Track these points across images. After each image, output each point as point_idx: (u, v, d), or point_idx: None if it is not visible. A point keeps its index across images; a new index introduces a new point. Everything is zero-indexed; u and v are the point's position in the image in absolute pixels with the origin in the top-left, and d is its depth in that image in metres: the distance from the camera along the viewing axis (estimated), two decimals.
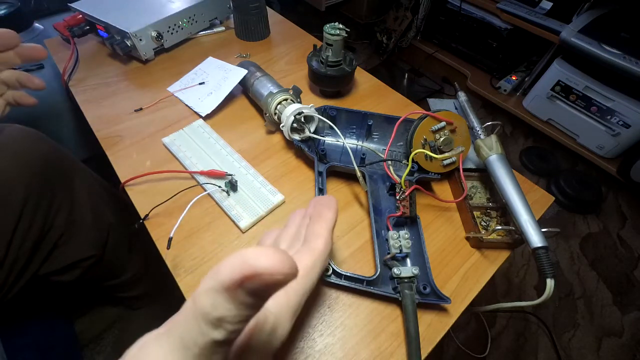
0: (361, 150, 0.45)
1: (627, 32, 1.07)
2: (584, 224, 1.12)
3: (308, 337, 0.31)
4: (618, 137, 1.10)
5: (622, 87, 1.07)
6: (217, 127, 0.48)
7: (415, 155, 0.39)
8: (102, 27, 0.57)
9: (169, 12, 0.58)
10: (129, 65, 0.58)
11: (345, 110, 0.45)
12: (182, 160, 0.43)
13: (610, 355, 0.85)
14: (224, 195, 0.40)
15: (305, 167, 0.45)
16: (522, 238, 0.34)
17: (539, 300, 0.31)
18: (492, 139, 0.40)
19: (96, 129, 0.48)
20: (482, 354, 0.83)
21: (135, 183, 0.41)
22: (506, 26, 1.30)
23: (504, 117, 1.43)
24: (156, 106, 0.51)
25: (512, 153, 1.33)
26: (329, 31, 0.47)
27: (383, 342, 0.31)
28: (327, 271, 0.33)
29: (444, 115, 0.39)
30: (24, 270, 0.43)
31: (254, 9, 0.61)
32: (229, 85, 0.51)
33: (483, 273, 0.36)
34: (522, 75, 1.38)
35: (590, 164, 1.23)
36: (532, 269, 0.99)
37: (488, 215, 0.41)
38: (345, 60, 0.51)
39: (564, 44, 1.11)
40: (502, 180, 0.37)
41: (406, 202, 0.36)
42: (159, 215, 0.38)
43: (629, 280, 0.99)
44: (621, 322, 0.90)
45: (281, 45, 0.65)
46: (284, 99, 0.44)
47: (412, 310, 0.30)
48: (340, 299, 0.33)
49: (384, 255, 0.34)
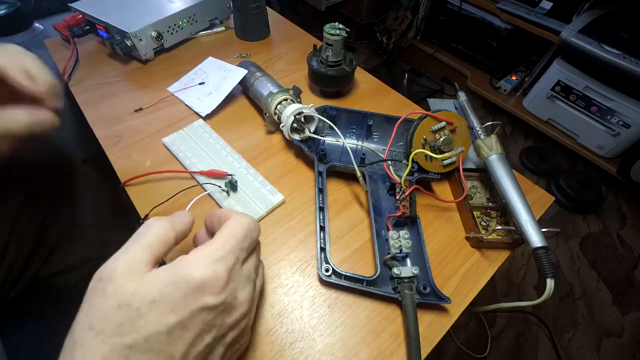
0: (361, 150, 0.45)
1: (627, 32, 1.07)
2: (584, 224, 1.12)
3: (308, 337, 0.31)
4: (618, 137, 1.10)
5: (622, 87, 1.07)
6: (217, 127, 0.48)
7: (415, 155, 0.39)
8: (102, 27, 0.57)
9: (169, 12, 0.58)
10: (129, 65, 0.58)
11: (345, 110, 0.45)
12: (182, 160, 0.43)
13: (610, 355, 0.85)
14: (224, 195, 0.40)
15: (305, 167, 0.45)
16: (522, 238, 0.34)
17: (539, 300, 0.31)
18: (492, 139, 0.40)
19: (96, 129, 0.48)
20: (482, 354, 0.83)
21: (135, 183, 0.41)
22: (506, 26, 1.30)
23: (504, 117, 1.43)
24: (156, 106, 0.51)
25: (512, 153, 1.33)
26: (329, 31, 0.47)
27: (383, 342, 0.31)
28: (327, 271, 0.33)
29: (444, 115, 0.39)
30: (23, 272, 0.43)
31: (254, 9, 0.61)
32: (229, 85, 0.51)
33: (483, 273, 0.36)
34: (522, 75, 1.38)
35: (590, 164, 1.23)
36: (532, 269, 0.99)
37: (488, 215, 0.41)
38: (345, 60, 0.51)
39: (564, 44, 1.11)
40: (502, 180, 0.37)
41: (406, 202, 0.36)
42: (159, 215, 0.38)
43: (629, 280, 0.99)
44: (621, 322, 0.90)
45: (281, 45, 0.65)
46: (284, 99, 0.44)
47: (412, 310, 0.30)
48: (340, 299, 0.33)
49: (384, 255, 0.34)
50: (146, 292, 0.19)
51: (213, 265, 0.21)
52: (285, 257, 0.36)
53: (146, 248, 0.22)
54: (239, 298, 0.23)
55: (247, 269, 0.25)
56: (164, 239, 0.23)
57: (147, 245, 0.22)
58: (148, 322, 0.19)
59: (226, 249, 0.23)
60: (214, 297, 0.21)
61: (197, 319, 0.20)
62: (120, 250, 0.22)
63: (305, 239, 0.37)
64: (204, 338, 0.21)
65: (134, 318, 0.19)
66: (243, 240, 0.24)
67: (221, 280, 0.21)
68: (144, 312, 0.19)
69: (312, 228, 0.38)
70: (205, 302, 0.20)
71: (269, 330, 0.31)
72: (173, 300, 0.20)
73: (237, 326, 0.23)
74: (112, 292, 0.19)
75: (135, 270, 0.20)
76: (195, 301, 0.20)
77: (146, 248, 0.22)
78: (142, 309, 0.19)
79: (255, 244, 0.26)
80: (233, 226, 0.24)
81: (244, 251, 0.24)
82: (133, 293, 0.19)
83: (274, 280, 0.34)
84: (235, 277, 0.23)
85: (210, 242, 0.23)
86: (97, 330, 0.18)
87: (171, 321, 0.19)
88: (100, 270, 0.20)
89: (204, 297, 0.20)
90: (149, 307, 0.19)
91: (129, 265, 0.20)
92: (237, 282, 0.23)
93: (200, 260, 0.22)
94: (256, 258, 0.26)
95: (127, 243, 0.22)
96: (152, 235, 0.22)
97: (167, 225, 0.23)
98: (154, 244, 0.22)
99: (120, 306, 0.19)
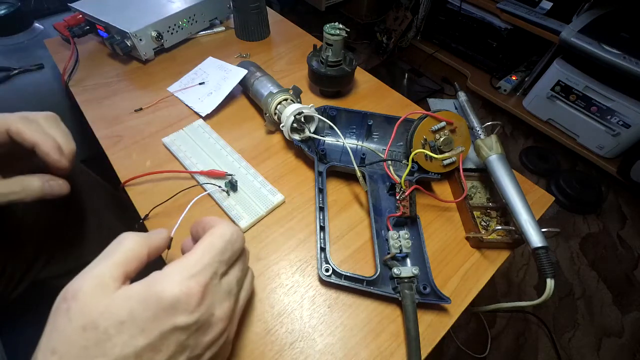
0: (361, 150, 0.45)
1: (627, 32, 1.07)
2: (584, 224, 1.12)
3: (308, 337, 0.31)
4: (618, 137, 1.10)
5: (622, 87, 1.07)
6: (217, 127, 0.48)
7: (415, 155, 0.39)
8: (102, 27, 0.57)
9: (169, 12, 0.58)
10: (129, 65, 0.58)
11: (345, 110, 0.45)
12: (182, 160, 0.43)
13: (610, 355, 0.85)
14: (224, 195, 0.40)
15: (305, 167, 0.45)
16: (522, 238, 0.34)
17: (539, 300, 0.31)
18: (492, 139, 0.40)
19: (96, 129, 0.48)
20: (482, 354, 0.83)
21: (135, 183, 0.41)
22: (506, 26, 1.30)
23: (504, 117, 1.43)
24: (156, 106, 0.51)
25: (512, 153, 1.33)
26: (329, 31, 0.47)
27: (383, 342, 0.31)
28: (327, 271, 0.33)
29: (444, 115, 0.39)
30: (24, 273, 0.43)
31: (254, 9, 0.61)
32: (229, 85, 0.51)
33: (483, 273, 0.36)
34: (522, 75, 1.38)
35: (590, 164, 1.23)
36: (532, 269, 0.99)
37: (488, 215, 0.41)
38: (345, 60, 0.51)
39: (564, 44, 1.11)
40: (502, 180, 0.37)
41: (406, 202, 0.36)
42: (159, 215, 0.38)
43: (629, 280, 0.99)
44: (621, 322, 0.90)
45: (281, 45, 0.65)
46: (284, 99, 0.44)
47: (412, 310, 0.30)
48: (340, 299, 0.33)
49: (384, 255, 0.34)
50: (115, 312, 0.18)
51: (186, 281, 0.20)
52: (285, 257, 0.36)
53: (116, 264, 0.20)
54: (216, 315, 0.22)
55: (227, 282, 0.23)
56: (137, 254, 0.22)
57: (118, 261, 0.20)
58: (115, 344, 0.18)
59: (203, 263, 0.21)
60: (187, 317, 0.19)
61: (169, 340, 0.19)
62: (88, 267, 0.20)
63: (305, 239, 0.37)
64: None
65: (100, 341, 0.18)
66: (223, 252, 0.23)
67: (194, 298, 0.20)
68: (112, 334, 0.18)
69: (312, 228, 0.38)
70: (177, 322, 0.19)
71: (269, 330, 0.31)
72: (143, 321, 0.18)
73: (214, 344, 0.22)
74: (77, 312, 0.18)
75: (103, 287, 0.19)
76: (166, 321, 0.19)
77: (116, 264, 0.20)
78: (110, 331, 0.18)
79: (237, 255, 0.25)
80: (213, 236, 0.23)
81: (224, 264, 0.23)
82: (102, 312, 0.18)
83: (274, 280, 0.34)
84: (211, 293, 0.21)
85: (188, 255, 0.22)
86: (59, 355, 0.17)
87: (140, 344, 0.18)
88: (65, 289, 0.19)
89: (176, 317, 0.19)
90: (117, 328, 0.18)
91: (96, 283, 0.19)
92: (214, 298, 0.21)
93: (173, 275, 0.20)
94: (239, 270, 0.25)
95: (97, 259, 0.21)
96: (123, 251, 0.21)
97: (139, 240, 0.22)
98: (125, 259, 0.21)
99: (86, 328, 0.18)
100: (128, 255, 0.21)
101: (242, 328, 0.31)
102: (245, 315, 0.31)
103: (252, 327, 0.31)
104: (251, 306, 0.32)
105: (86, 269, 0.20)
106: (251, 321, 0.31)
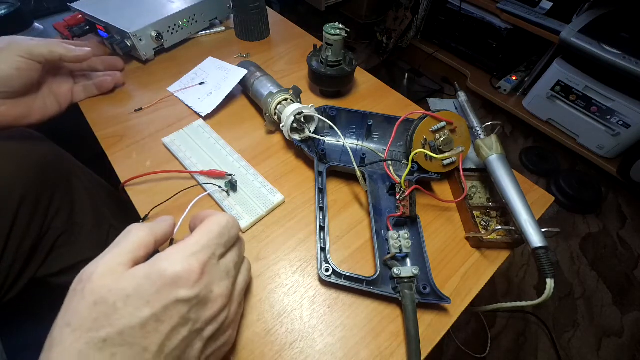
0: (361, 150, 0.45)
1: (627, 32, 1.07)
2: (584, 224, 1.12)
3: (308, 337, 0.31)
4: (618, 137, 1.10)
5: (622, 87, 1.07)
6: (217, 127, 0.48)
7: (415, 155, 0.39)
8: (102, 27, 0.57)
9: (169, 12, 0.58)
10: (129, 65, 0.58)
11: (345, 110, 0.45)
12: (182, 160, 0.43)
13: (610, 355, 0.85)
14: (224, 195, 0.40)
15: (305, 167, 0.45)
16: (522, 238, 0.34)
17: (539, 300, 0.31)
18: (492, 139, 0.40)
19: (96, 129, 0.48)
20: (482, 354, 0.83)
21: (135, 183, 0.41)
22: (506, 26, 1.30)
23: (504, 117, 1.43)
24: (156, 106, 0.51)
25: (512, 153, 1.33)
26: (329, 31, 0.47)
27: (383, 342, 0.31)
28: (327, 271, 0.33)
29: (444, 115, 0.39)
30: (22, 272, 0.43)
31: (254, 9, 0.61)
32: (229, 85, 0.51)
33: (483, 273, 0.36)
34: (522, 75, 1.38)
35: (590, 164, 1.23)
36: (532, 269, 0.99)
37: (488, 215, 0.41)
38: (345, 60, 0.51)
39: (564, 44, 1.11)
40: (502, 180, 0.37)
41: (406, 202, 0.36)
42: (159, 215, 0.38)
43: (629, 280, 0.99)
44: (621, 322, 0.91)
45: (281, 45, 0.65)
46: (284, 99, 0.44)
47: (412, 310, 0.30)
48: (340, 299, 0.33)
49: (384, 255, 0.34)
50: (123, 287, 0.20)
51: (187, 259, 0.22)
52: (285, 257, 0.36)
53: (126, 251, 0.22)
54: (215, 292, 0.23)
55: (225, 264, 0.25)
56: (144, 242, 0.23)
57: (126, 248, 0.22)
58: (122, 316, 0.19)
59: (201, 244, 0.23)
60: (188, 290, 0.21)
61: (172, 312, 0.21)
62: (101, 255, 0.22)
63: (305, 239, 0.37)
64: (179, 331, 0.21)
65: (109, 313, 0.19)
66: (219, 236, 0.25)
67: (195, 274, 0.22)
68: (119, 307, 0.19)
69: (312, 228, 0.38)
70: (179, 295, 0.21)
71: (269, 330, 0.31)
72: (147, 294, 0.20)
73: (215, 320, 0.23)
74: (89, 291, 0.20)
75: (113, 271, 0.21)
76: (169, 294, 0.21)
77: (126, 251, 0.22)
78: (118, 304, 0.19)
79: (233, 240, 0.27)
80: (210, 223, 0.25)
81: (221, 247, 0.25)
82: (110, 289, 0.20)
83: (274, 280, 0.34)
84: (210, 271, 0.23)
85: (188, 238, 0.24)
86: (73, 327, 0.19)
87: (145, 314, 0.20)
88: (81, 273, 0.21)
89: (178, 290, 0.21)
90: (124, 301, 0.20)
91: (107, 267, 0.21)
92: (213, 276, 0.23)
93: (175, 255, 0.22)
94: (236, 254, 0.27)
95: (108, 248, 0.23)
96: (131, 240, 0.23)
97: (146, 230, 0.24)
98: (133, 247, 0.23)
99: (97, 303, 0.19)
100: (136, 243, 0.23)
101: (242, 328, 0.31)
102: (245, 315, 0.31)
103: (252, 327, 0.31)
104: (251, 306, 0.32)
105: (99, 257, 0.22)
106: (251, 321, 0.31)
